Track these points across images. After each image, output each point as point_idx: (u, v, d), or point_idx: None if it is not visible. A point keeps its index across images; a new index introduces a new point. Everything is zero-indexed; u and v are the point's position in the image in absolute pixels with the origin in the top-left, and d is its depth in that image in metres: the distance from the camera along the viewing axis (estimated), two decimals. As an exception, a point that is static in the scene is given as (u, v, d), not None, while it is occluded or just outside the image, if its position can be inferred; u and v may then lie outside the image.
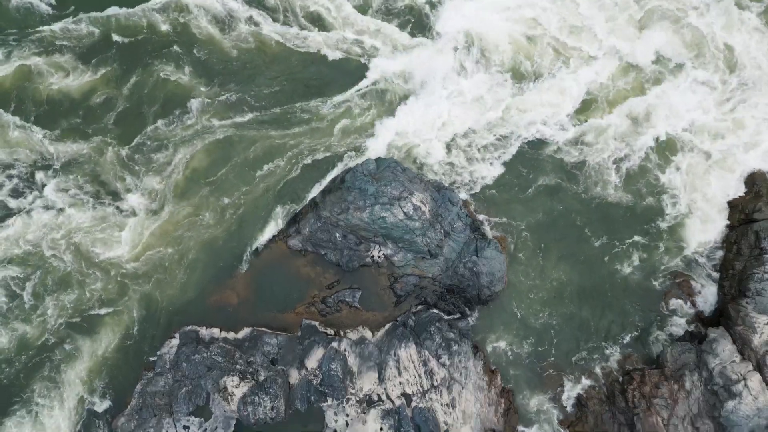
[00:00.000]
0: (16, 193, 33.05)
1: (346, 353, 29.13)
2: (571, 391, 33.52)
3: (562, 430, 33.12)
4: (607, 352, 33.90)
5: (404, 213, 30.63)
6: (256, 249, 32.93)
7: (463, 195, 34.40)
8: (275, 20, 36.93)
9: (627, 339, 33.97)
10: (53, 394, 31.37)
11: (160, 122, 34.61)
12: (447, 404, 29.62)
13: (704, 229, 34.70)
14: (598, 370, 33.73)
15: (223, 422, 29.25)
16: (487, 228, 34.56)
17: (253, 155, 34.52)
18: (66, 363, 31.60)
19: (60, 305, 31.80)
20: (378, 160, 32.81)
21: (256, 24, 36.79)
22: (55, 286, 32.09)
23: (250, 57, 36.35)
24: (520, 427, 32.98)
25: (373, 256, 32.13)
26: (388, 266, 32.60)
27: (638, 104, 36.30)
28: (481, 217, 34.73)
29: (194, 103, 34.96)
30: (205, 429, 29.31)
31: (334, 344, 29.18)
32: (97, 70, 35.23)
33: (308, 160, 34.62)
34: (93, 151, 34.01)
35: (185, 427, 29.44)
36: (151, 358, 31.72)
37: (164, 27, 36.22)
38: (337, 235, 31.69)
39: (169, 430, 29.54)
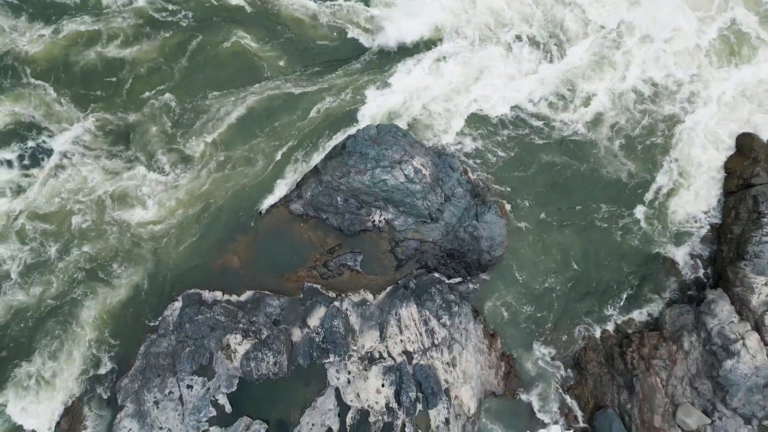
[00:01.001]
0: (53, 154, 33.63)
1: (348, 312, 29.41)
2: (570, 355, 33.83)
3: (561, 393, 33.42)
4: (606, 315, 34.19)
5: (405, 176, 30.89)
6: (259, 213, 33.20)
7: (463, 160, 34.66)
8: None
9: (626, 303, 34.25)
10: (57, 358, 31.69)
11: (211, 93, 35.01)
12: (448, 363, 29.89)
13: (702, 196, 34.92)
14: (597, 333, 34.03)
15: (226, 381, 29.54)
16: (487, 194, 34.81)
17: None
18: (70, 327, 31.91)
19: (71, 267, 32.14)
20: (379, 126, 33.06)
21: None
22: (71, 248, 32.47)
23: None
24: (521, 391, 33.29)
25: (374, 221, 32.38)
26: (389, 231, 32.86)
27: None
28: (480, 183, 34.99)
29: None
30: (209, 388, 29.60)
31: (336, 303, 29.46)
32: (150, 38, 35.67)
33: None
34: (140, 118, 34.42)
35: (188, 387, 29.73)
36: (154, 322, 32.03)
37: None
38: (339, 199, 31.95)
39: (172, 389, 29.84)
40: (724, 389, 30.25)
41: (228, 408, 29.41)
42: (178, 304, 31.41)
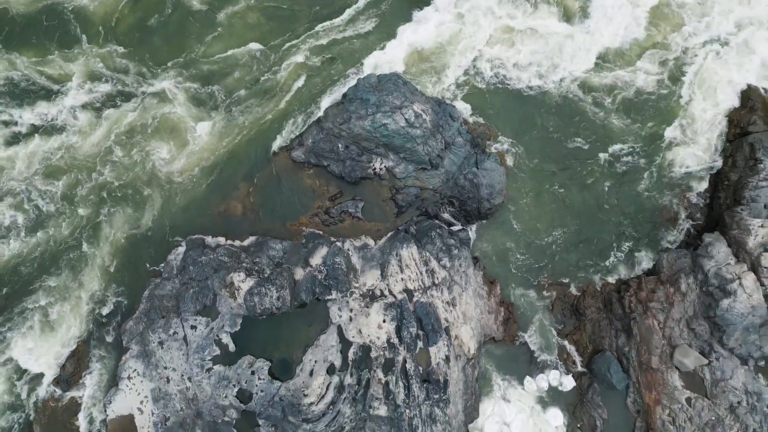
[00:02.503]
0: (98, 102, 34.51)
1: (350, 252, 29.81)
2: (569, 302, 34.20)
3: (560, 339, 33.82)
4: (605, 263, 34.58)
5: (405, 120, 31.25)
6: (262, 162, 33.58)
7: (463, 109, 35.02)
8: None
9: (624, 251, 34.64)
10: (62, 302, 32.14)
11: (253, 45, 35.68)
12: (447, 302, 30.29)
13: (700, 145, 35.26)
14: (596, 280, 34.41)
15: (229, 320, 29.97)
16: (487, 145, 35.17)
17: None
18: (76, 271, 32.37)
19: (82, 213, 32.67)
20: (380, 75, 33.41)
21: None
22: (85, 195, 32.98)
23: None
24: (520, 336, 33.68)
25: (374, 168, 32.76)
26: (389, 178, 33.24)
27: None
28: (480, 135, 35.35)
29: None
30: (212, 328, 30.03)
31: (338, 243, 29.86)
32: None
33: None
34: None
35: (192, 327, 30.17)
36: (158, 268, 32.44)
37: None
38: (339, 145, 32.33)
39: (176, 330, 30.28)
40: (721, 329, 30.62)
41: (231, 347, 29.85)
42: (181, 249, 31.82)
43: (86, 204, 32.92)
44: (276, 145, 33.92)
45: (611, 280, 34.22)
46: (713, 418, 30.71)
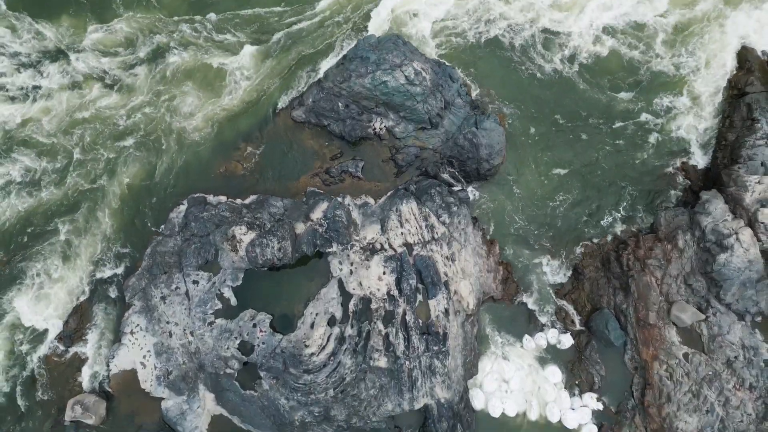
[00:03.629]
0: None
1: (350, 208, 30.07)
2: (568, 262, 34.50)
3: (559, 298, 34.11)
4: (603, 224, 34.85)
5: (405, 77, 31.49)
6: (263, 122, 33.83)
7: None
8: None
9: (622, 212, 34.92)
10: (66, 260, 32.43)
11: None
12: (447, 257, 30.57)
13: (697, 106, 35.52)
14: (594, 240, 34.68)
15: (231, 275, 30.26)
16: (486, 107, 35.42)
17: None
18: (79, 230, 32.66)
19: (89, 169, 33.07)
20: (380, 37, 33.62)
21: None
22: (94, 151, 33.30)
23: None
24: (519, 296, 33.97)
25: (374, 128, 33.01)
26: (389, 139, 33.49)
27: None
28: (479, 96, 35.60)
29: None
30: (214, 282, 30.32)
31: (339, 199, 30.13)
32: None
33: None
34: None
35: (194, 282, 30.47)
36: (160, 228, 32.70)
37: None
38: (340, 104, 32.57)
39: (179, 285, 30.57)
40: (718, 284, 30.93)
41: (233, 301, 30.16)
42: (182, 207, 32.08)
43: (93, 162, 33.20)
44: (280, 103, 34.11)
45: (609, 239, 34.49)
46: (710, 372, 31.03)
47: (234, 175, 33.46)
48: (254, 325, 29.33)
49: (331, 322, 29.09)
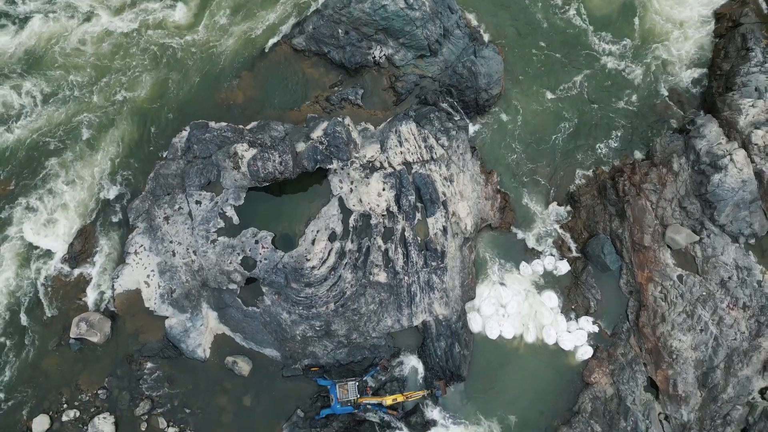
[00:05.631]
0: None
1: (350, 127, 30.49)
2: (564, 190, 34.97)
3: (555, 226, 34.60)
4: (600, 154, 35.28)
5: (405, 1, 31.86)
6: (263, 51, 34.23)
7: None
8: None
9: (619, 142, 35.36)
10: (72, 183, 32.88)
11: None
12: (445, 178, 31.05)
13: (690, 38, 35.95)
14: (590, 171, 35.13)
15: (233, 194, 30.75)
16: (485, 39, 35.80)
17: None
18: (84, 154, 33.11)
19: (90, 91, 33.40)
20: (378, -32, 33.96)
21: None
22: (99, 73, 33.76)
23: None
24: (516, 224, 34.46)
25: (374, 56, 33.42)
26: (389, 67, 33.93)
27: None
28: (478, 29, 35.98)
29: None
30: (216, 202, 30.81)
31: (339, 118, 30.57)
32: None
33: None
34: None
35: (197, 202, 30.95)
36: (163, 153, 33.16)
37: None
38: (340, 31, 32.96)
39: (182, 205, 31.06)
40: (712, 206, 31.42)
41: (236, 220, 30.65)
42: (185, 132, 32.48)
43: (98, 90, 33.63)
44: (281, 32, 34.47)
45: (606, 168, 34.96)
46: (704, 293, 31.58)
47: (235, 104, 33.88)
48: (256, 242, 29.83)
49: (332, 237, 29.59)
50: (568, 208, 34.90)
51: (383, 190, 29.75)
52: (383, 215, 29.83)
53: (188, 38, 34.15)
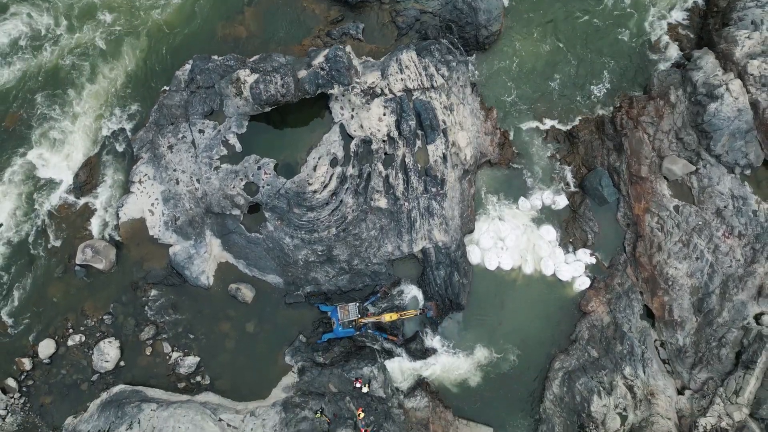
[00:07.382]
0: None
1: (351, 54, 30.81)
2: (563, 127, 35.34)
3: (554, 161, 34.99)
4: (598, 92, 35.61)
5: (405, -66, 32.16)
6: (264, -14, 34.53)
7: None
8: None
9: (617, 80, 35.69)
10: (77, 115, 33.26)
11: None
12: (446, 107, 31.43)
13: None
14: (588, 108, 35.49)
15: (236, 121, 31.13)
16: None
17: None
18: (89, 87, 33.50)
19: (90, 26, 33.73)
20: None
21: None
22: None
23: None
24: (515, 160, 34.86)
25: (375, -8, 33.73)
26: (390, 3, 34.25)
27: None
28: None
29: None
30: (219, 130, 31.21)
31: (340, 45, 30.90)
32: None
33: None
34: None
35: (200, 131, 31.35)
36: (166, 87, 33.50)
37: None
38: (341, -35, 33.26)
39: (185, 134, 31.46)
40: (708, 136, 31.83)
41: (238, 147, 31.05)
42: (188, 65, 32.80)
43: (100, 25, 33.97)
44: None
45: (604, 105, 35.30)
46: (700, 222, 32.06)
47: (237, 39, 34.22)
48: (259, 168, 30.26)
49: (333, 162, 30.02)
50: (566, 143, 35.26)
51: (384, 115, 30.14)
52: (384, 141, 30.24)
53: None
